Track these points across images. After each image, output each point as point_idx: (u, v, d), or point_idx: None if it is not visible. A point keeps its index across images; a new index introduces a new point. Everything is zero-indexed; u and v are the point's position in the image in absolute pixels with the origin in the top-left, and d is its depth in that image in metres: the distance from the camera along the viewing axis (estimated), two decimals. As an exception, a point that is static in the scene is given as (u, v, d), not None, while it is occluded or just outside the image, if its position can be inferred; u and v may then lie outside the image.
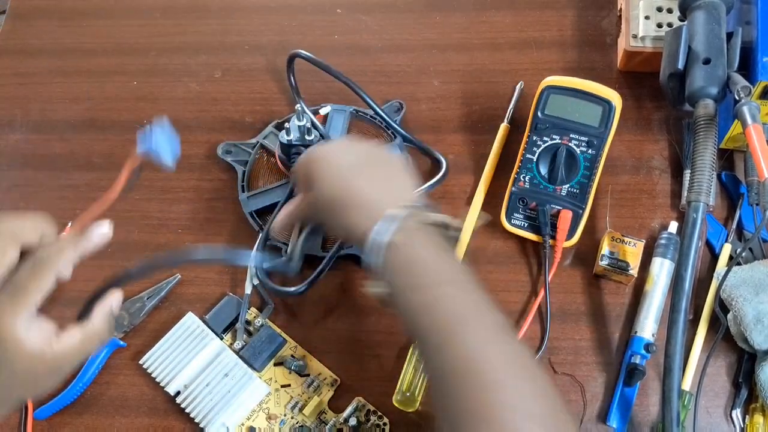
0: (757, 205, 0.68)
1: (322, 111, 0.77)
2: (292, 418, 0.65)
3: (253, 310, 0.69)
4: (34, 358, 0.43)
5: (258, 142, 0.77)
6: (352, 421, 0.64)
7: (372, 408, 0.65)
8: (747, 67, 0.64)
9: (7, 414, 0.45)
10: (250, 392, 0.65)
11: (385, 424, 0.64)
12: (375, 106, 0.75)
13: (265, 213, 0.73)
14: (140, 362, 0.67)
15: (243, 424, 0.65)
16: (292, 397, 0.66)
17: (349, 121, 0.77)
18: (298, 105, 0.72)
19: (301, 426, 0.64)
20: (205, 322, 0.69)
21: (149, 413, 0.66)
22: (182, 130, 0.79)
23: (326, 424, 0.64)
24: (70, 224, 0.75)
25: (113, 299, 0.50)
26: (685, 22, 0.67)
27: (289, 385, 0.66)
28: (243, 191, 0.74)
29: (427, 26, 0.83)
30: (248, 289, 0.69)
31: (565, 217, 0.67)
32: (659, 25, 0.73)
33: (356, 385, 0.66)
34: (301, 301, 0.70)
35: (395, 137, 0.75)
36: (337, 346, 0.68)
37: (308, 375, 0.67)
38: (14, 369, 0.43)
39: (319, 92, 0.80)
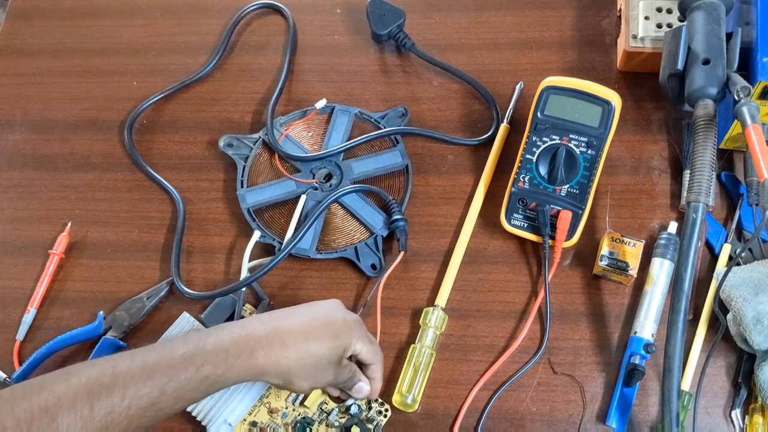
0: (756, 205, 0.68)
1: (318, 105, 0.77)
2: (293, 410, 0.65)
3: (248, 306, 0.69)
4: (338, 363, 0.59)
5: (260, 137, 0.77)
6: (354, 409, 0.64)
7: None
8: (747, 68, 0.64)
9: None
10: (250, 387, 0.65)
11: (386, 410, 0.64)
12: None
13: (262, 211, 0.74)
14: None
15: (245, 420, 0.65)
16: (292, 390, 0.66)
17: (353, 122, 0.77)
18: None
19: (304, 417, 0.65)
20: (201, 321, 0.69)
21: (149, 413, 0.66)
22: (182, 130, 0.80)
23: (329, 414, 0.65)
24: (69, 224, 0.75)
25: (365, 387, 0.62)
26: (685, 23, 0.67)
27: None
28: (242, 186, 0.74)
29: (427, 26, 0.83)
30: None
31: (565, 217, 0.67)
32: (659, 26, 0.73)
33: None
34: (296, 298, 0.70)
35: (398, 142, 0.76)
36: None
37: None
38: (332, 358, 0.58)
39: (320, 92, 0.80)
